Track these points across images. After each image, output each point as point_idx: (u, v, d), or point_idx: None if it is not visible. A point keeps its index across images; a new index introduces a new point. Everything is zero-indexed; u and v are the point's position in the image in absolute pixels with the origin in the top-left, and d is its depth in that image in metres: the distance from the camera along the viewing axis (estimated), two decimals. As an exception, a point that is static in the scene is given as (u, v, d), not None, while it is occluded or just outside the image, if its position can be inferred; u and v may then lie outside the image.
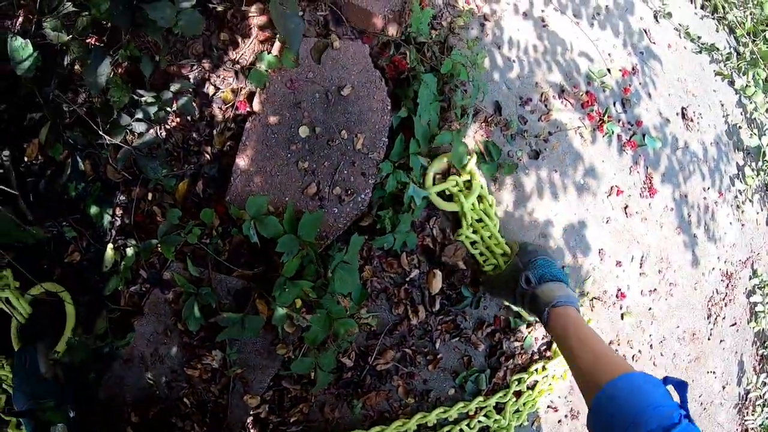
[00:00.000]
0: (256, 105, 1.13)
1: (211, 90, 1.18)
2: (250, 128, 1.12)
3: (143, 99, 1.10)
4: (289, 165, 1.11)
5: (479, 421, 1.28)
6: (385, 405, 1.19)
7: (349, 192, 1.11)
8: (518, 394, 1.32)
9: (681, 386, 0.78)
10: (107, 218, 1.13)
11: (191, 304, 1.04)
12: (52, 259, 1.17)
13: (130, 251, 1.10)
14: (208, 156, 1.14)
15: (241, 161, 1.10)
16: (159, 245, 1.06)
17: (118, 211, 1.13)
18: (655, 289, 1.57)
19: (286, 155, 1.11)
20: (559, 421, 1.44)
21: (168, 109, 1.12)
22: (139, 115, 1.08)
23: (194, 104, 1.15)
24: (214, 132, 1.16)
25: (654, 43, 1.76)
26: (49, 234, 1.15)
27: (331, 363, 1.06)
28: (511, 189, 1.29)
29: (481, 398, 1.26)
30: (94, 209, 1.12)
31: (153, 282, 1.08)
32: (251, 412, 1.11)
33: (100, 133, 1.10)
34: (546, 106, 1.39)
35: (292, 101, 1.14)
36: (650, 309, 1.57)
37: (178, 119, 1.17)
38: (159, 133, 1.15)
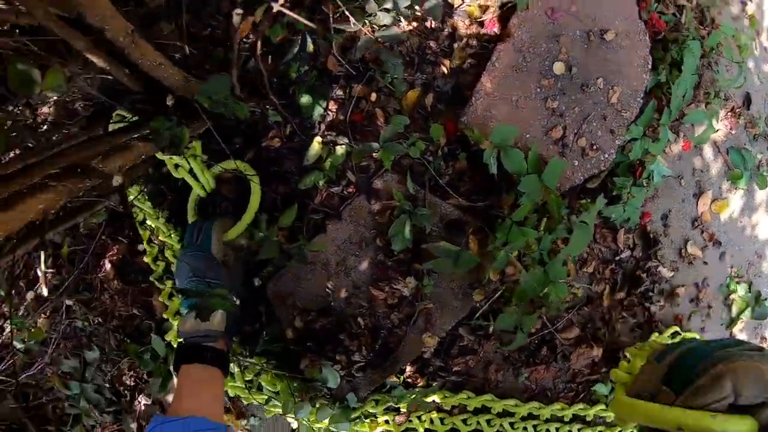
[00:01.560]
0: (513, 26, 1.01)
1: (456, 1, 1.06)
2: (503, 50, 1.00)
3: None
4: (536, 100, 0.99)
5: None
6: (550, 383, 1.09)
7: (594, 147, 0.99)
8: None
9: None
10: (318, 110, 1.03)
11: (403, 222, 0.94)
12: (248, 140, 1.08)
13: (340, 149, 1.00)
14: (444, 69, 1.03)
15: (488, 83, 0.98)
16: (380, 150, 0.96)
17: (332, 106, 1.03)
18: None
19: (536, 89, 0.99)
20: None
21: (417, 8, 1.00)
22: (388, 5, 0.97)
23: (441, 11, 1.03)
24: (455, 45, 1.04)
25: None
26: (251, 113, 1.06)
27: (533, 324, 0.97)
28: (742, 193, 1.15)
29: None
30: (305, 98, 1.02)
31: (361, 188, 0.99)
32: (421, 351, 1.03)
33: (331, 18, 1.00)
34: (794, 114, 1.23)
35: (550, 32, 1.01)
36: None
37: (415, 23, 1.06)
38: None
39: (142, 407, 1.20)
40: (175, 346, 1.08)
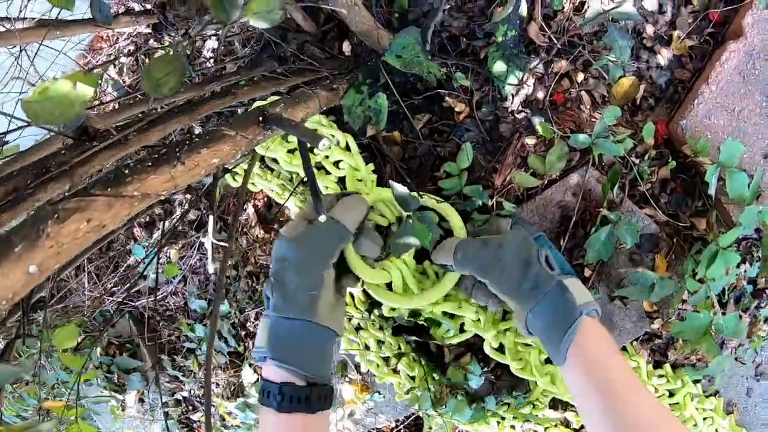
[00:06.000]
0: (746, 26, 0.89)
1: (678, -19, 0.93)
2: (734, 51, 0.88)
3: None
4: (760, 115, 0.89)
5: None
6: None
7: (810, 178, 0.91)
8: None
9: None
10: (513, 81, 0.90)
11: (604, 233, 0.84)
12: (425, 100, 0.95)
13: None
14: (661, 59, 0.91)
15: (714, 85, 0.88)
16: (593, 144, 0.85)
17: (529, 79, 0.91)
18: None
19: (761, 101, 0.89)
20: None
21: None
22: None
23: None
24: (674, 34, 0.92)
25: None
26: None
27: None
28: None
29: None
30: (498, 66, 0.89)
31: (555, 179, 0.88)
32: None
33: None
34: None
35: (783, 39, 0.90)
36: None
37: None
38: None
39: (262, 356, 1.13)
40: None
